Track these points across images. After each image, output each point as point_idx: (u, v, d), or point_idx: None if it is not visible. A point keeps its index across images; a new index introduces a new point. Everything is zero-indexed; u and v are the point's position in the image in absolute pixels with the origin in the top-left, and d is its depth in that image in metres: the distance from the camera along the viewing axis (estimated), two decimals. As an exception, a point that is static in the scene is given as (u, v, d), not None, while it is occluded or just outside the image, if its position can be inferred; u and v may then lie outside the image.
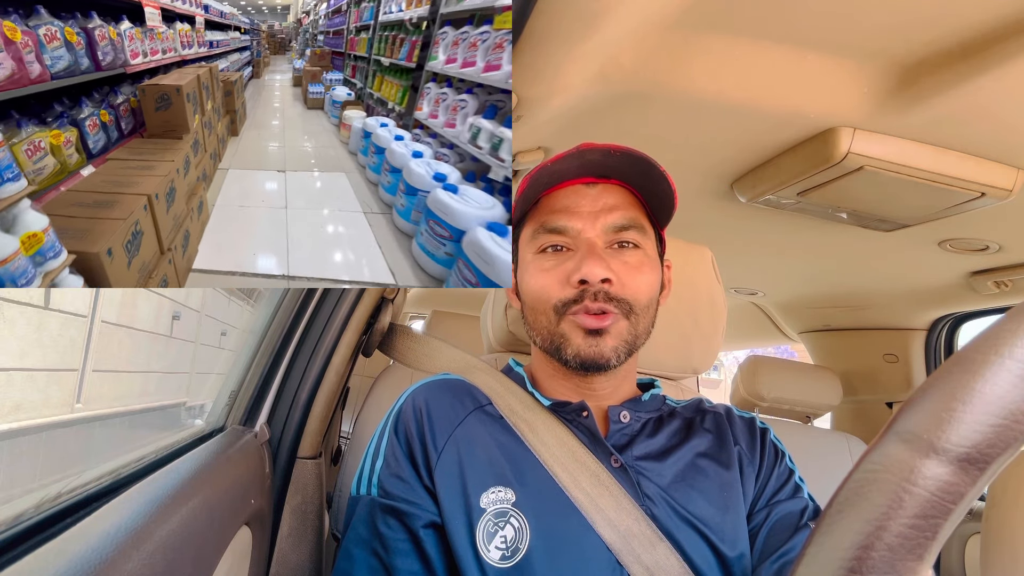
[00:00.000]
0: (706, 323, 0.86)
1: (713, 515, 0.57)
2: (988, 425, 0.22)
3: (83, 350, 1.19)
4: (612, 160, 0.60)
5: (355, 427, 0.97)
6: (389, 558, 0.55)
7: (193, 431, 0.71)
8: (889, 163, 0.85)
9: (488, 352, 0.99)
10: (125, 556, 0.34)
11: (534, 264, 0.62)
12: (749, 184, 1.05)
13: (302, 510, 0.82)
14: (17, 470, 0.82)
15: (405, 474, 0.59)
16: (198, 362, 1.82)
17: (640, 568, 0.53)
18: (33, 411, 0.98)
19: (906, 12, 0.63)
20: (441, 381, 0.68)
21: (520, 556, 0.53)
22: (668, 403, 0.68)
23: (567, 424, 0.62)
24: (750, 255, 1.53)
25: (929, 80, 0.72)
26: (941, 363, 0.41)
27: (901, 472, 0.23)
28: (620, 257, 0.60)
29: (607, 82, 0.79)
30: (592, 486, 0.56)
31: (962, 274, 1.36)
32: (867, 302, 1.71)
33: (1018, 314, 0.23)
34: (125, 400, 1.35)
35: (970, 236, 1.14)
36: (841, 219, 1.09)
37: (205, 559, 0.45)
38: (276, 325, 0.85)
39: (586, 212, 0.61)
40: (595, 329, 0.58)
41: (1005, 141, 0.82)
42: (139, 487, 0.44)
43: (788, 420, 1.51)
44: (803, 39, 0.71)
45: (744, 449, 0.63)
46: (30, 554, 0.34)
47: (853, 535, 0.23)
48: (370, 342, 0.93)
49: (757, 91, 0.79)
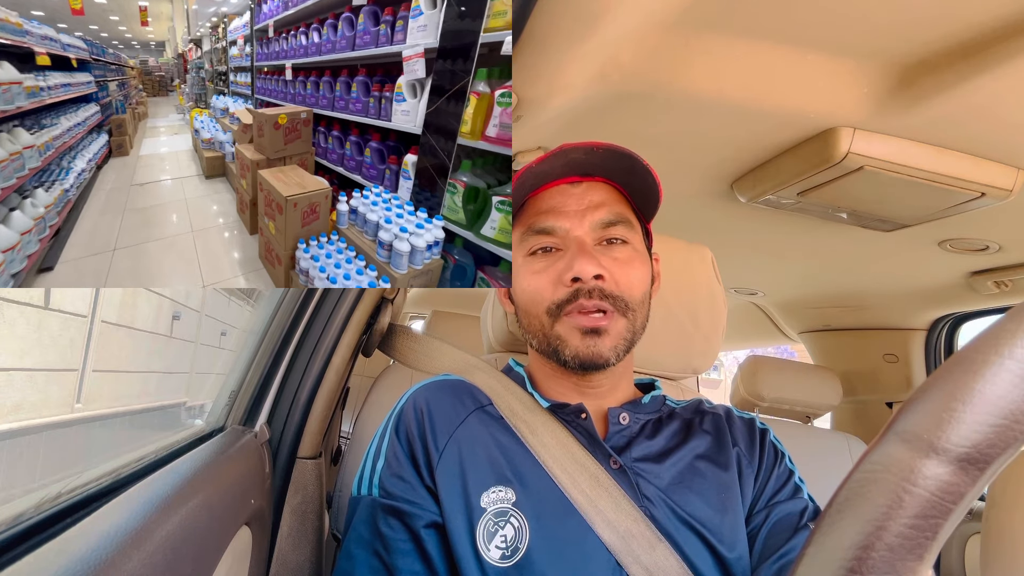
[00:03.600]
0: (706, 323, 0.86)
1: (711, 516, 0.57)
2: (988, 425, 0.22)
3: (83, 350, 1.19)
4: (595, 158, 0.60)
5: (355, 427, 0.97)
6: (390, 558, 0.55)
7: (193, 431, 0.71)
8: (889, 163, 0.85)
9: (488, 352, 0.99)
10: (125, 556, 0.34)
11: (525, 267, 0.62)
12: (749, 184, 1.05)
13: (302, 510, 0.82)
14: (17, 470, 0.82)
15: (406, 474, 0.59)
16: (198, 362, 1.82)
17: (639, 569, 0.53)
18: (33, 411, 0.98)
19: (906, 12, 0.63)
20: (442, 381, 0.68)
21: (520, 556, 0.53)
22: (668, 404, 0.68)
23: (566, 425, 0.62)
24: (750, 255, 1.53)
25: (929, 80, 0.72)
26: (941, 363, 0.41)
27: (901, 472, 0.23)
28: (610, 253, 0.60)
29: (607, 82, 0.79)
30: (591, 487, 0.56)
31: (962, 274, 1.36)
32: (867, 302, 1.71)
33: (1018, 314, 0.23)
34: (125, 400, 1.35)
35: (970, 236, 1.14)
36: (841, 219, 1.09)
37: (205, 559, 0.45)
38: (276, 325, 0.85)
39: (573, 211, 0.61)
40: (592, 328, 0.58)
41: (1005, 141, 0.82)
42: (139, 487, 0.44)
43: (788, 420, 1.51)
44: (803, 39, 0.71)
45: (743, 450, 0.63)
46: (30, 554, 0.34)
47: (853, 535, 0.23)
48: (370, 342, 0.93)
49: (757, 91, 0.79)
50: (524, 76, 0.79)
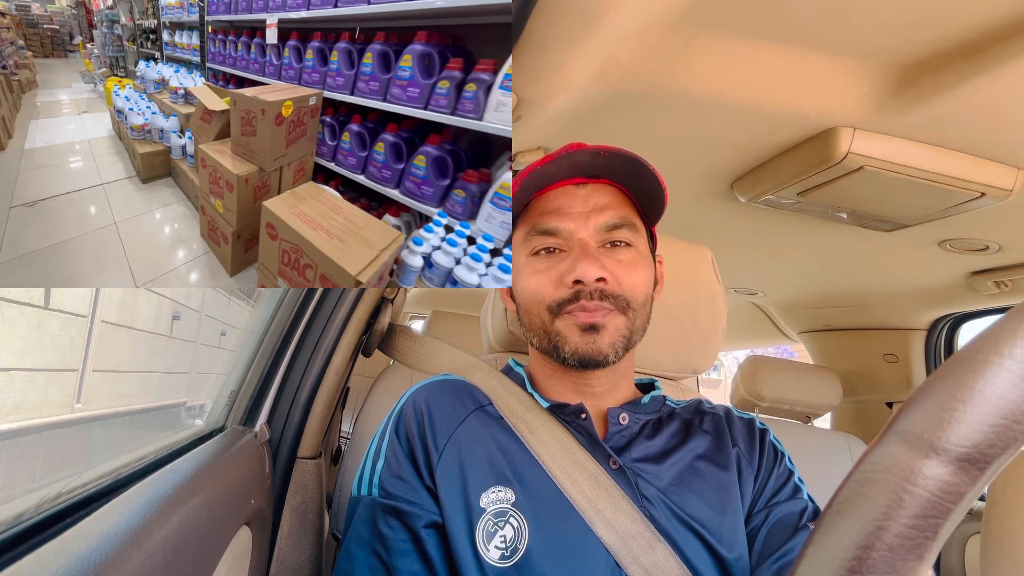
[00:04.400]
0: (706, 323, 0.86)
1: (711, 517, 0.57)
2: (988, 425, 0.22)
3: (83, 350, 1.19)
4: (601, 160, 0.60)
5: (355, 427, 0.97)
6: (390, 558, 0.55)
7: (193, 431, 0.71)
8: (889, 163, 0.85)
9: (488, 352, 0.99)
10: (125, 556, 0.34)
11: (527, 266, 0.62)
12: (749, 184, 1.05)
13: (302, 510, 0.82)
14: (17, 470, 0.82)
15: (406, 474, 0.59)
16: (198, 362, 1.82)
17: (639, 569, 0.53)
18: (33, 411, 0.97)
19: (906, 12, 0.63)
20: (441, 381, 0.68)
21: (519, 556, 0.53)
22: (668, 404, 0.68)
23: (566, 426, 0.62)
24: (750, 255, 1.53)
25: (929, 80, 0.72)
26: (941, 363, 0.41)
27: (901, 472, 0.23)
28: (613, 256, 0.60)
29: (607, 82, 0.79)
30: (591, 488, 0.56)
31: (962, 274, 1.36)
32: (867, 302, 1.71)
33: (1018, 314, 0.23)
34: (125, 400, 1.35)
35: (970, 236, 1.14)
36: (841, 219, 1.09)
37: (205, 559, 0.45)
38: (276, 325, 0.85)
39: (577, 212, 0.61)
40: (591, 325, 0.58)
41: (1005, 141, 0.82)
42: (139, 487, 0.44)
43: (788, 420, 1.51)
44: (803, 39, 0.71)
45: (742, 450, 0.63)
46: (30, 554, 0.34)
47: (853, 535, 0.23)
48: (370, 342, 0.93)
49: (757, 91, 0.79)
50: (524, 76, 0.79)
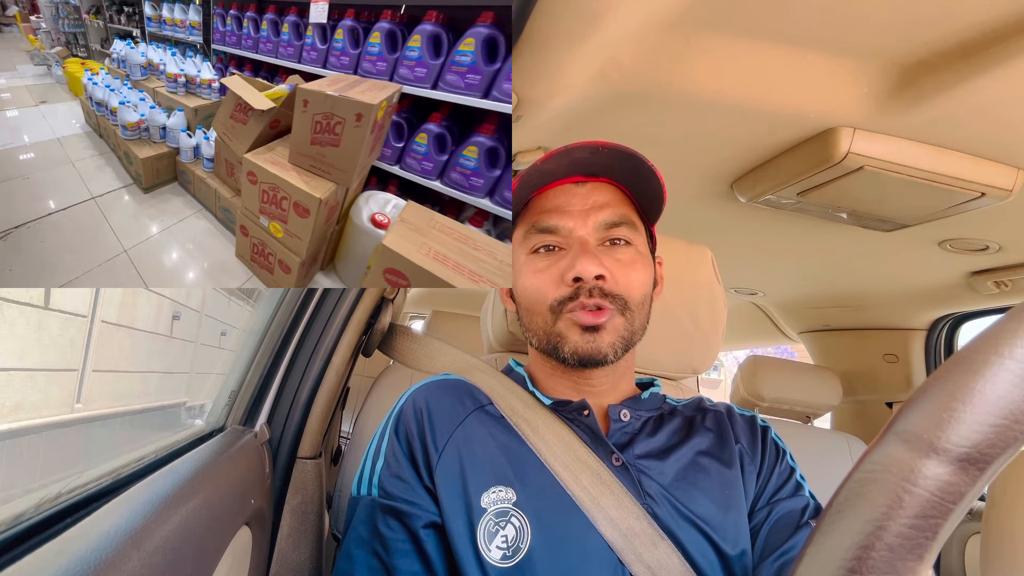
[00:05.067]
0: (706, 323, 0.86)
1: (715, 513, 0.57)
2: (988, 425, 0.22)
3: (83, 350, 1.19)
4: (600, 157, 0.60)
5: (355, 427, 0.97)
6: (390, 559, 0.55)
7: (193, 431, 0.71)
8: (889, 163, 0.85)
9: (488, 352, 0.99)
10: (125, 556, 0.34)
11: (528, 265, 0.62)
12: (749, 184, 1.05)
13: (302, 510, 0.82)
14: (17, 470, 0.82)
15: (406, 474, 0.59)
16: (198, 362, 1.82)
17: (642, 567, 0.53)
18: (33, 411, 0.97)
19: (906, 12, 0.63)
20: (441, 381, 0.68)
21: (521, 556, 0.53)
22: (668, 402, 0.68)
23: (568, 423, 0.62)
24: (750, 255, 1.53)
25: (929, 80, 0.72)
26: (941, 363, 0.41)
27: (901, 472, 0.23)
28: (612, 254, 0.60)
29: (607, 82, 0.79)
30: (593, 485, 0.56)
31: (962, 274, 1.36)
32: (867, 302, 1.70)
33: (1018, 314, 0.23)
34: (125, 400, 1.35)
35: (970, 236, 1.14)
36: (841, 219, 1.09)
37: (205, 559, 0.45)
38: (276, 325, 0.85)
39: (577, 211, 0.61)
40: (591, 326, 0.58)
41: (1005, 141, 0.82)
42: (139, 487, 0.44)
43: (788, 420, 1.51)
44: (803, 39, 0.71)
45: (745, 447, 0.63)
46: (30, 554, 0.34)
47: (853, 535, 0.23)
48: (370, 342, 0.93)
49: (757, 91, 0.79)
50: (524, 76, 0.79)
